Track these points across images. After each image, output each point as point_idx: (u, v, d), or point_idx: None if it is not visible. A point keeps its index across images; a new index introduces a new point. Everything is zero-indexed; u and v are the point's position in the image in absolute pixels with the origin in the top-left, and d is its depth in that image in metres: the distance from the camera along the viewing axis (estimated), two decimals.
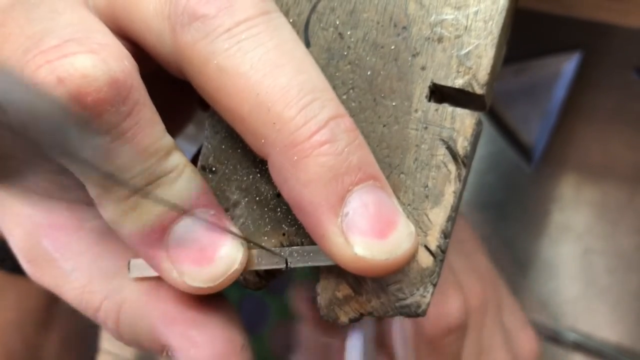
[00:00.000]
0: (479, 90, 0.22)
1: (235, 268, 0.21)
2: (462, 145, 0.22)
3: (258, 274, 0.23)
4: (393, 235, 0.20)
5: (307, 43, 0.23)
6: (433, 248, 0.22)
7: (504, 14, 0.22)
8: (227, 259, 0.21)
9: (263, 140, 0.20)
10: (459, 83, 0.22)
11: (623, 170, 0.45)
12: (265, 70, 0.19)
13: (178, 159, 0.21)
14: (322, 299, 0.23)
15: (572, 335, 0.47)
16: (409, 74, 0.22)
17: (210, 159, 0.23)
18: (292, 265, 0.22)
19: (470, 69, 0.22)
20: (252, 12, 0.20)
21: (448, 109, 0.22)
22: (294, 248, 0.22)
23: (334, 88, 0.21)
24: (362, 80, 0.22)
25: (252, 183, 0.23)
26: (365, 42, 0.22)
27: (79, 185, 0.24)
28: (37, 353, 0.38)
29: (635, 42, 0.43)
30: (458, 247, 0.33)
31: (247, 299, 0.49)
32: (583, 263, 0.47)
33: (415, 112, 0.22)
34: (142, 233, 0.21)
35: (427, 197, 0.22)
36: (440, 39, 0.22)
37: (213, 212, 0.22)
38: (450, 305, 0.27)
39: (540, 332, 0.48)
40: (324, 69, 0.22)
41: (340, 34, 0.23)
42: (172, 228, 0.21)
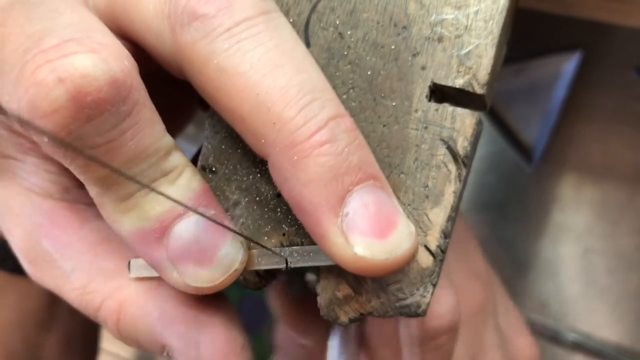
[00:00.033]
0: (479, 90, 0.22)
1: (236, 268, 0.21)
2: (462, 145, 0.22)
3: (258, 274, 0.23)
4: (393, 235, 0.20)
5: (307, 43, 0.23)
6: (433, 248, 0.22)
7: (505, 14, 0.22)
8: (227, 259, 0.21)
9: (263, 140, 0.20)
10: (459, 83, 0.22)
11: (623, 170, 0.45)
12: (265, 70, 0.19)
13: (178, 159, 0.21)
14: (322, 299, 0.23)
15: (572, 335, 0.47)
16: (409, 74, 0.22)
17: (210, 159, 0.23)
18: (292, 265, 0.22)
19: (471, 69, 0.22)
20: (252, 11, 0.20)
21: (448, 109, 0.22)
22: (294, 248, 0.22)
23: (334, 88, 0.21)
24: (362, 80, 0.22)
25: (252, 183, 0.23)
26: (366, 42, 0.22)
27: (79, 185, 0.24)
28: (37, 353, 0.38)
29: (636, 42, 0.43)
30: (454, 247, 0.33)
31: (247, 299, 0.49)
32: (583, 263, 0.47)
33: (416, 112, 0.22)
34: (142, 233, 0.21)
35: (427, 197, 0.22)
36: (441, 39, 0.22)
37: (213, 212, 0.22)
38: (442, 306, 0.27)
39: (540, 332, 0.48)
40: (324, 69, 0.22)
41: (341, 34, 0.23)
42: (172, 228, 0.21)
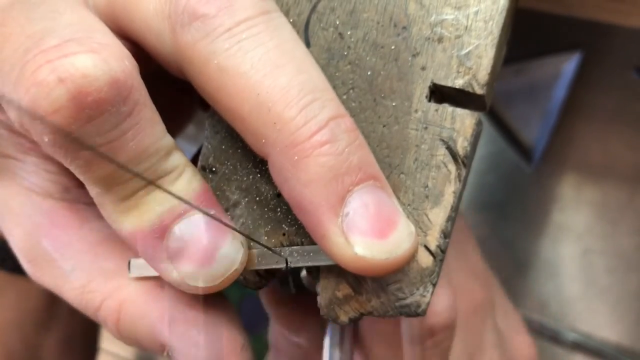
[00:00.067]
0: (479, 91, 0.22)
1: (236, 268, 0.21)
2: (462, 146, 0.22)
3: (258, 274, 0.23)
4: (393, 235, 0.20)
5: (307, 43, 0.23)
6: (433, 248, 0.22)
7: (504, 14, 0.22)
8: (227, 259, 0.21)
9: (263, 140, 0.20)
10: (459, 83, 0.22)
11: (623, 170, 0.45)
12: (266, 70, 0.19)
13: (178, 159, 0.21)
14: (322, 299, 0.23)
15: (572, 335, 0.47)
16: (409, 74, 0.22)
17: (210, 159, 0.23)
18: (292, 265, 0.22)
19: (471, 69, 0.22)
20: (252, 11, 0.20)
21: (448, 109, 0.22)
22: (294, 248, 0.22)
23: (334, 88, 0.21)
24: (362, 80, 0.22)
25: (252, 183, 0.23)
26: (366, 42, 0.22)
27: (79, 185, 0.24)
28: (37, 353, 0.38)
29: (636, 42, 0.43)
30: (454, 247, 0.33)
31: (247, 299, 0.49)
32: (583, 263, 0.47)
33: (415, 112, 0.22)
34: (142, 233, 0.21)
35: (427, 197, 0.22)
36: (441, 39, 0.22)
37: (213, 212, 0.22)
38: (439, 304, 0.27)
39: (540, 332, 0.48)
40: (324, 69, 0.22)
41: (341, 34, 0.23)
42: (172, 228, 0.21)
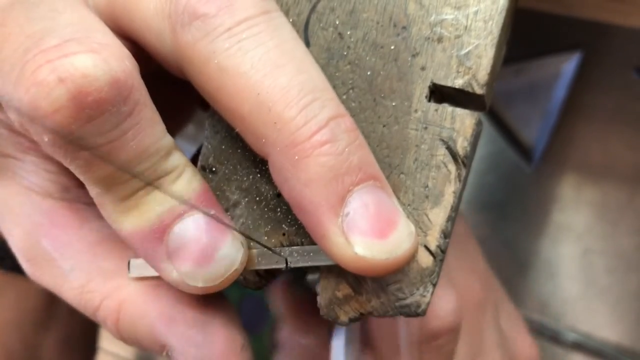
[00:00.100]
0: (479, 90, 0.22)
1: (235, 268, 0.21)
2: (462, 146, 0.22)
3: (258, 274, 0.23)
4: (393, 235, 0.20)
5: (306, 43, 0.23)
6: (433, 248, 0.22)
7: (504, 14, 0.22)
8: (227, 259, 0.21)
9: (264, 140, 0.20)
10: (459, 83, 0.22)
11: (623, 170, 0.45)
12: (266, 70, 0.19)
13: (178, 159, 0.21)
14: (322, 299, 0.23)
15: (572, 335, 0.47)
16: (409, 74, 0.22)
17: (210, 159, 0.23)
18: (292, 265, 0.22)
19: (470, 69, 0.22)
20: (252, 11, 0.20)
21: (448, 109, 0.22)
22: (294, 248, 0.22)
23: (334, 88, 0.21)
24: (362, 80, 0.22)
25: (252, 183, 0.23)
26: (365, 42, 0.22)
27: (79, 185, 0.24)
28: (36, 353, 0.38)
29: (636, 42, 0.43)
30: (456, 247, 0.33)
31: (247, 299, 0.49)
32: (583, 263, 0.47)
33: (415, 112, 0.22)
34: (142, 232, 0.21)
35: (427, 197, 0.22)
36: (440, 39, 0.22)
37: (213, 212, 0.22)
38: (443, 306, 0.27)
39: (540, 332, 0.48)
40: (324, 69, 0.22)
41: (340, 34, 0.23)
42: (172, 228, 0.21)
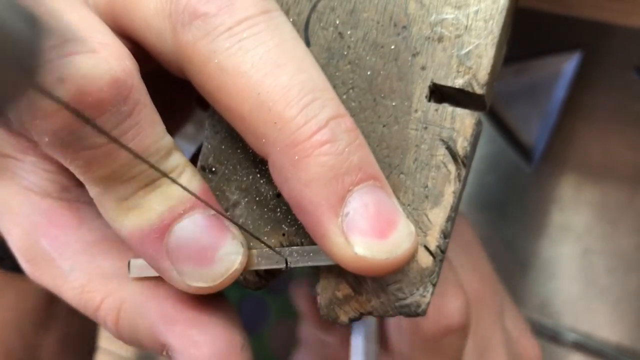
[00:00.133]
0: (479, 90, 0.22)
1: (235, 268, 0.21)
2: (462, 146, 0.22)
3: (258, 274, 0.23)
4: (393, 235, 0.20)
5: (307, 42, 0.23)
6: (432, 248, 0.22)
7: (505, 14, 0.22)
8: (227, 259, 0.21)
9: (264, 140, 0.20)
10: (459, 83, 0.22)
11: (623, 170, 0.45)
12: (266, 70, 0.19)
13: (178, 159, 0.21)
14: (322, 299, 0.23)
15: (572, 335, 0.47)
16: (409, 74, 0.22)
17: (210, 159, 0.23)
18: (292, 265, 0.22)
19: (471, 69, 0.22)
20: (253, 10, 0.20)
21: (448, 109, 0.22)
22: (294, 248, 0.22)
23: (334, 88, 0.21)
24: (362, 80, 0.22)
25: (252, 183, 0.23)
26: (365, 41, 0.22)
27: (78, 184, 0.24)
28: (35, 353, 0.38)
29: (636, 42, 0.43)
30: (461, 246, 0.33)
31: (247, 299, 0.49)
32: (583, 263, 0.47)
33: (415, 112, 0.22)
34: (142, 232, 0.21)
35: (426, 197, 0.22)
36: (441, 39, 0.22)
37: (213, 212, 0.22)
38: (451, 305, 0.27)
39: (540, 332, 0.48)
40: (324, 69, 0.22)
41: (340, 34, 0.23)
42: (172, 228, 0.21)
